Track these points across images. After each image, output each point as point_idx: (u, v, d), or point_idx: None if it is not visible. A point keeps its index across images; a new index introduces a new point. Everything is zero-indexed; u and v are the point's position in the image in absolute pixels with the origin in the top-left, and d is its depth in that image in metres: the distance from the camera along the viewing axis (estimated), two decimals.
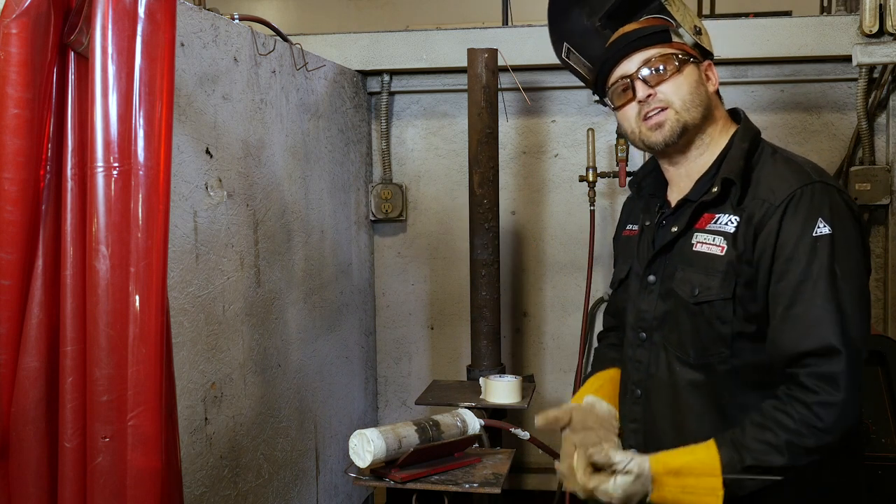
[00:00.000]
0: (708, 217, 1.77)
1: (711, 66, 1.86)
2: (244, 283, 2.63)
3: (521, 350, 3.92)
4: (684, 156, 1.83)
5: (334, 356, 3.42)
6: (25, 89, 1.59)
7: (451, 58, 3.64)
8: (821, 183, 1.68)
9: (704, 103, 1.79)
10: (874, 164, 3.54)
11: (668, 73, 1.77)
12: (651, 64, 1.78)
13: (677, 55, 1.79)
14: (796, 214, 1.65)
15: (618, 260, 2.04)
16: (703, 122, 1.80)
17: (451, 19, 7.47)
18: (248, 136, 2.66)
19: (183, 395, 2.25)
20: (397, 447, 2.15)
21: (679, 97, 1.77)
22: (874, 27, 3.18)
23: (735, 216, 1.72)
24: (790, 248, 1.64)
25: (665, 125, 1.77)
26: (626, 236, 2.00)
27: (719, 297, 1.71)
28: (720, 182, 1.74)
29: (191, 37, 2.32)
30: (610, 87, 1.85)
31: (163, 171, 1.59)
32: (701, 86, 1.80)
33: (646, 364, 1.85)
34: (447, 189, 3.91)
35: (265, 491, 2.77)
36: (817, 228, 1.64)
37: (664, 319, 1.82)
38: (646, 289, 1.86)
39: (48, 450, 1.68)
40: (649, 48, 1.79)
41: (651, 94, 1.77)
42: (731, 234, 1.71)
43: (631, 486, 1.64)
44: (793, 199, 1.66)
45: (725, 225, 1.73)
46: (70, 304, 1.62)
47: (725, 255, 1.71)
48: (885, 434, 2.78)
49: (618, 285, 1.99)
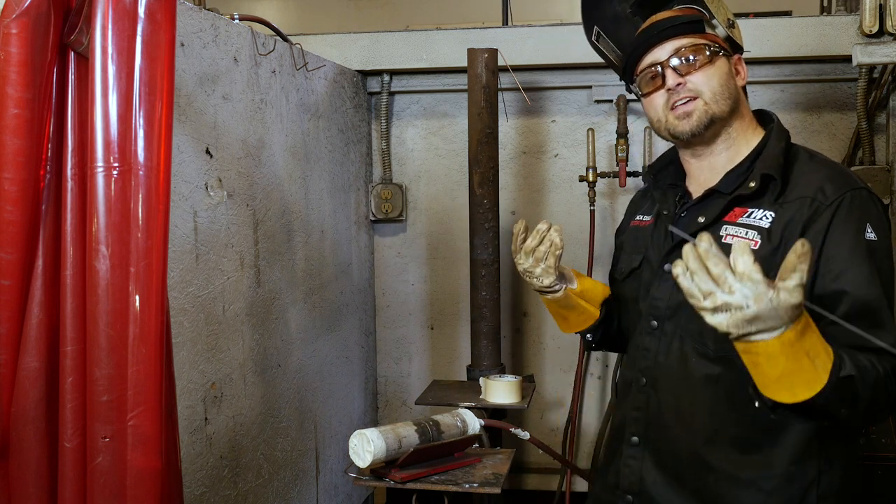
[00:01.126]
0: (739, 211, 1.75)
1: (741, 60, 1.86)
2: (244, 283, 2.63)
3: (521, 350, 3.92)
4: (708, 148, 1.83)
5: (334, 356, 3.42)
6: (25, 89, 1.59)
7: (451, 58, 3.64)
8: (866, 189, 1.70)
9: (734, 96, 1.79)
10: (874, 164, 3.53)
11: (700, 63, 1.76)
12: (682, 53, 1.77)
13: (709, 46, 1.78)
14: (849, 216, 1.65)
15: (623, 251, 2.02)
16: (731, 116, 1.79)
17: (451, 19, 7.48)
18: (248, 136, 2.66)
19: (183, 395, 2.25)
20: (397, 447, 2.15)
21: (709, 88, 1.76)
22: (874, 27, 3.18)
23: (771, 212, 1.71)
24: (846, 249, 1.63)
25: (693, 115, 1.76)
26: (636, 226, 1.99)
27: None
28: (759, 177, 1.73)
29: (191, 37, 2.32)
30: (639, 74, 1.84)
31: (163, 171, 1.59)
32: (731, 79, 1.80)
33: (654, 352, 1.84)
34: (447, 189, 3.91)
35: (265, 491, 2.77)
36: (867, 233, 1.64)
37: (679, 309, 1.79)
38: (660, 277, 1.85)
39: (48, 450, 1.68)
40: (682, 37, 1.78)
41: (681, 83, 1.77)
42: (766, 230, 1.70)
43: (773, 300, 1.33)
44: (844, 201, 1.66)
45: (760, 220, 1.71)
46: (70, 304, 1.62)
47: (759, 250, 1.68)
48: (885, 434, 2.78)
49: (627, 275, 1.96)
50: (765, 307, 1.33)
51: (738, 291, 1.33)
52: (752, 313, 1.34)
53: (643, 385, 1.86)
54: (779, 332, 1.37)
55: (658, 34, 1.80)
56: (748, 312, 1.33)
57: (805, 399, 1.44)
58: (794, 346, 1.39)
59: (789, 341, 1.38)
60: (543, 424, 3.91)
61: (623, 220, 2.11)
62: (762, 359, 1.41)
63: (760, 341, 1.38)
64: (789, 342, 1.38)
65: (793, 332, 1.37)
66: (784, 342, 1.38)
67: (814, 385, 1.43)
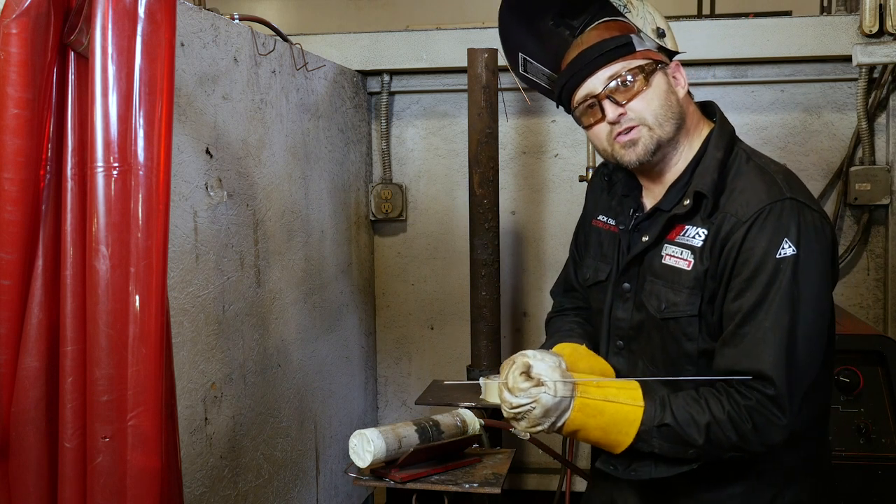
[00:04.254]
0: (679, 228, 1.71)
1: (679, 66, 1.76)
2: (244, 283, 2.63)
3: (521, 350, 3.92)
4: (656, 168, 1.76)
5: (334, 356, 3.42)
6: (25, 89, 1.59)
7: (451, 58, 3.64)
8: (791, 200, 1.63)
9: (676, 114, 1.71)
10: (874, 164, 3.54)
11: (637, 89, 1.67)
12: (618, 81, 1.68)
13: (643, 68, 1.68)
14: (761, 233, 1.61)
15: (588, 253, 1.94)
16: (677, 133, 1.72)
17: (451, 19, 7.48)
18: (248, 136, 2.66)
19: (183, 395, 2.25)
20: (397, 447, 2.15)
21: (651, 113, 1.68)
22: (874, 27, 3.18)
23: (704, 229, 1.67)
24: (752, 267, 1.61)
25: (639, 143, 1.69)
26: (599, 228, 1.91)
27: (685, 314, 1.68)
28: (692, 195, 1.69)
29: (191, 37, 2.32)
30: (576, 107, 1.75)
31: (163, 171, 1.58)
32: (671, 95, 1.71)
33: (625, 373, 1.81)
34: (447, 189, 3.91)
35: (265, 491, 2.77)
36: (782, 249, 1.59)
37: (639, 330, 1.78)
38: (621, 296, 1.82)
39: (48, 450, 1.68)
40: (613, 62, 1.68)
41: (622, 114, 1.68)
42: (699, 248, 1.67)
43: (552, 400, 1.61)
44: (759, 216, 1.61)
45: (693, 238, 1.68)
46: (70, 304, 1.62)
47: (692, 270, 1.67)
48: (885, 434, 2.78)
49: (593, 284, 1.90)
50: (547, 402, 1.61)
51: (520, 398, 1.61)
52: (539, 412, 1.61)
53: None
54: (571, 406, 1.62)
55: (588, 65, 1.69)
56: (536, 413, 1.61)
57: (638, 430, 1.62)
58: (589, 403, 1.62)
59: (583, 404, 1.62)
60: None
61: (585, 206, 2.00)
62: (581, 432, 1.65)
63: (567, 421, 1.63)
64: (583, 404, 1.62)
65: (579, 399, 1.62)
66: (579, 407, 1.62)
67: (635, 413, 1.63)
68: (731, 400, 1.61)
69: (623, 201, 1.85)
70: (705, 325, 1.68)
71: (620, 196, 1.86)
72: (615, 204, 1.87)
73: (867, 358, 2.81)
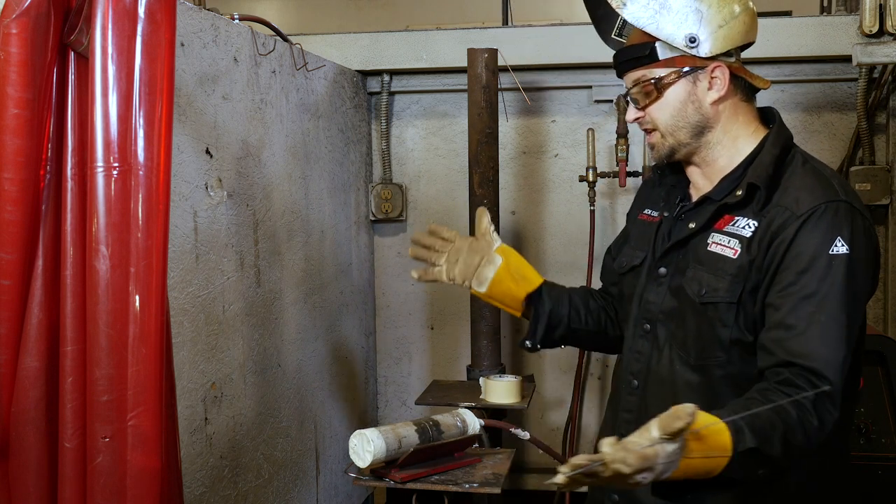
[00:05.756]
0: (728, 218, 1.74)
1: (721, 67, 1.76)
2: (244, 283, 2.63)
3: (521, 350, 3.92)
4: (693, 163, 1.83)
5: (334, 356, 3.42)
6: (25, 89, 1.59)
7: (451, 58, 3.63)
8: (846, 203, 1.66)
9: (693, 123, 1.76)
10: (874, 164, 3.54)
11: (652, 98, 1.76)
12: (637, 87, 1.77)
13: (659, 80, 1.74)
14: (816, 229, 1.63)
15: (628, 243, 1.99)
16: (698, 137, 1.77)
17: (451, 19, 7.48)
18: (248, 136, 2.66)
19: (183, 395, 2.25)
20: (397, 447, 2.15)
21: (662, 122, 1.77)
22: (874, 27, 3.17)
23: (755, 221, 1.70)
24: (805, 261, 1.62)
25: (656, 147, 1.80)
26: (643, 220, 1.97)
27: (724, 300, 1.69)
28: (745, 186, 1.72)
29: (191, 37, 2.32)
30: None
31: (163, 171, 1.59)
32: (689, 104, 1.75)
33: (646, 356, 1.84)
34: (447, 189, 3.90)
35: (265, 491, 2.77)
36: (835, 246, 1.62)
37: (671, 315, 1.80)
38: (655, 280, 1.85)
39: (48, 450, 1.68)
40: (636, 69, 1.77)
41: (639, 117, 1.80)
42: (748, 239, 1.69)
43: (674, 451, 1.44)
44: (815, 213, 1.64)
45: (743, 228, 1.71)
46: (70, 304, 1.62)
47: (737, 259, 1.69)
48: (885, 434, 2.78)
49: (628, 270, 1.94)
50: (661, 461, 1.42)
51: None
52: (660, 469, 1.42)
53: (634, 388, 1.87)
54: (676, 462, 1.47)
55: (619, 66, 1.81)
56: (658, 468, 1.43)
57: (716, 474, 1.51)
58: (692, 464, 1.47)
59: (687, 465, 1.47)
60: (543, 424, 3.91)
61: (633, 204, 2.07)
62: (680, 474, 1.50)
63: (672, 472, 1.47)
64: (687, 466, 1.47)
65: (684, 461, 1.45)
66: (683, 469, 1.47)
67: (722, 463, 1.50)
68: (794, 400, 1.55)
69: (671, 191, 1.91)
70: (742, 315, 1.69)
71: (669, 187, 1.92)
72: (664, 193, 1.92)
73: (867, 358, 2.78)
